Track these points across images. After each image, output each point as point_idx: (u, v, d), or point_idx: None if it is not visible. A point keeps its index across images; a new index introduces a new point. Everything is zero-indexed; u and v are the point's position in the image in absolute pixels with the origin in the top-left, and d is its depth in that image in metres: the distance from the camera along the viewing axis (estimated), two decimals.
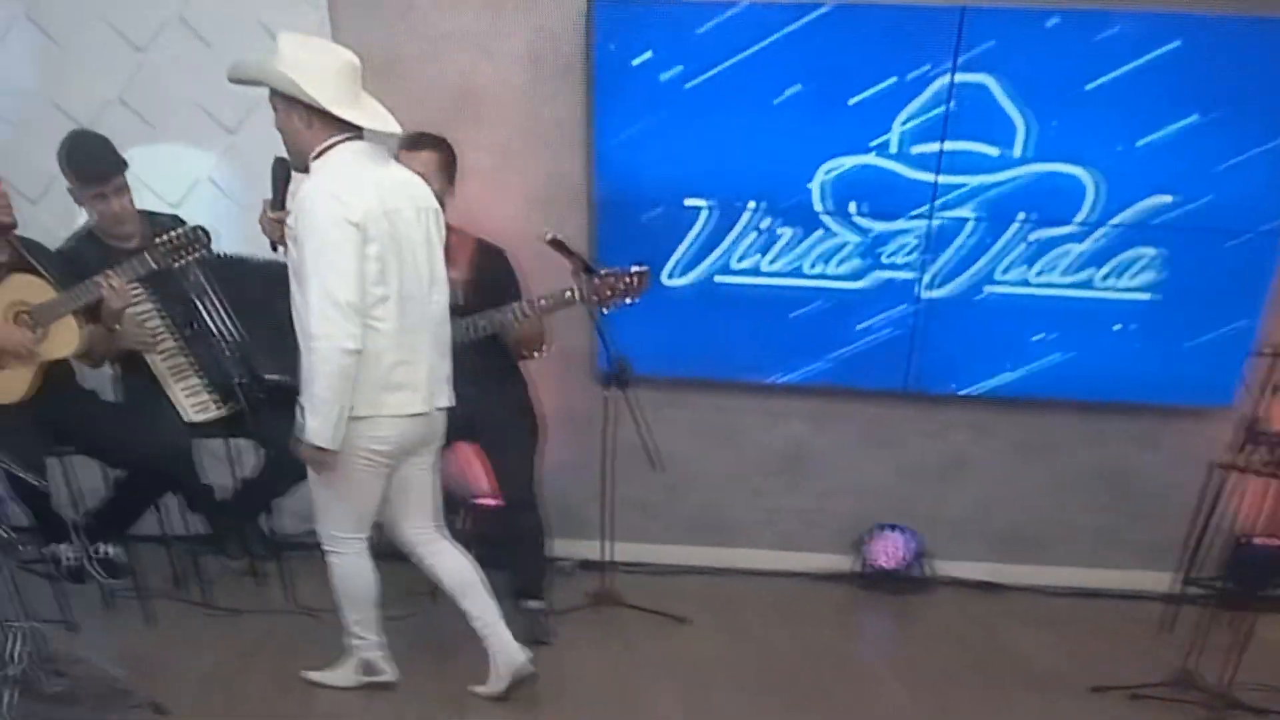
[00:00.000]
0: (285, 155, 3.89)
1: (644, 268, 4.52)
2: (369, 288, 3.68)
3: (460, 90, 5.09)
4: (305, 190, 3.67)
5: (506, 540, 4.91)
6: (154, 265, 4.38)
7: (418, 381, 3.89)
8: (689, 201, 5.20)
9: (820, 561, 5.79)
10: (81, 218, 4.86)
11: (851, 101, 5.07)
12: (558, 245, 4.52)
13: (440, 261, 4.00)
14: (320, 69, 3.63)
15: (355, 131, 3.74)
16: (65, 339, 4.48)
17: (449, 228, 4.31)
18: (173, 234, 4.36)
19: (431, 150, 4.52)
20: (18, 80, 5.25)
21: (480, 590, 4.19)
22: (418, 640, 4.64)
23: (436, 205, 3.99)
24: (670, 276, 5.31)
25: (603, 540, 5.17)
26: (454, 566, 4.19)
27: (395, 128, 3.84)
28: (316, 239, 3.61)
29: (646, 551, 5.64)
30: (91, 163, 4.61)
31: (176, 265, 4.42)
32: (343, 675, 4.31)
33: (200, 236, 4.40)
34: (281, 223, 3.83)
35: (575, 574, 5.55)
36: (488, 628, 4.19)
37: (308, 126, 3.71)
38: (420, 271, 3.88)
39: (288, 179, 4.01)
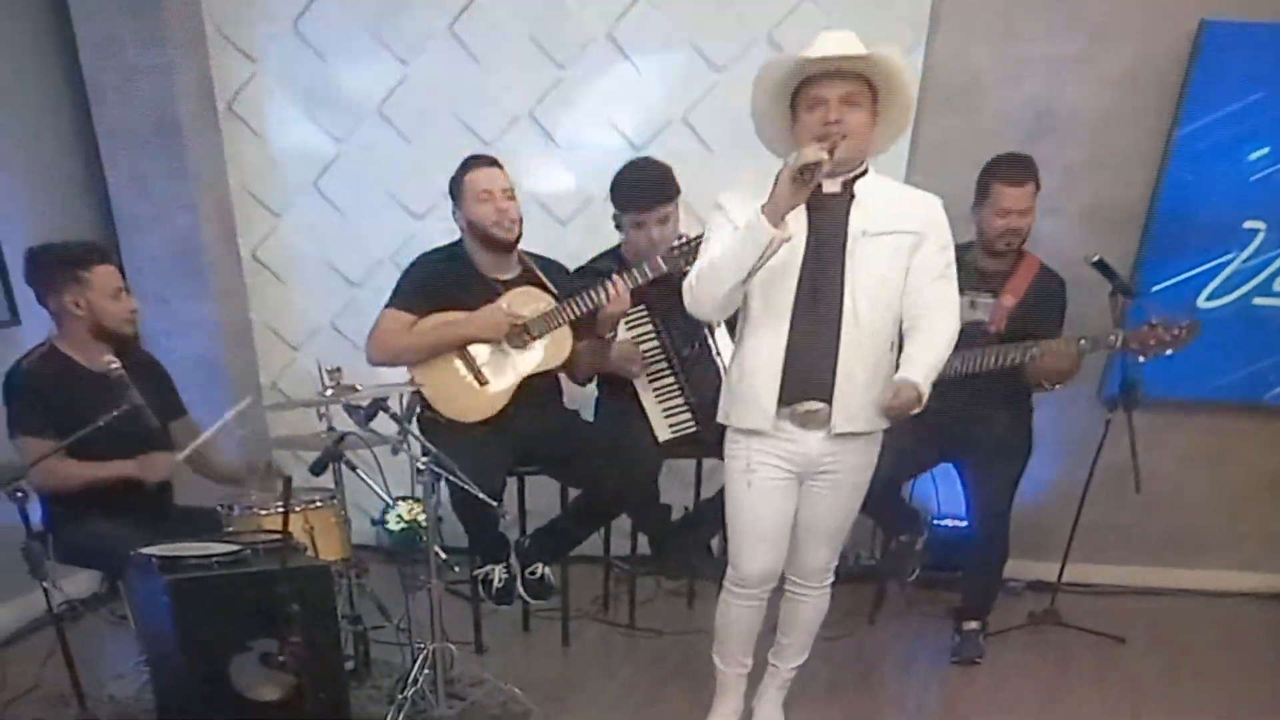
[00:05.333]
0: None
1: (1195, 320, 4.07)
2: None
3: (1037, 112, 4.68)
4: (934, 199, 3.24)
5: (965, 563, 4.55)
6: (664, 268, 3.95)
7: None
8: (1248, 224, 4.67)
9: (1278, 582, 5.23)
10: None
11: None
12: (1101, 267, 4.18)
13: None
14: None
15: None
16: (554, 351, 4.18)
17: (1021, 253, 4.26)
18: (685, 239, 3.95)
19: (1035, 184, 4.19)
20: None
21: None
22: (846, 663, 4.32)
23: None
24: (1208, 299, 4.78)
25: (1064, 562, 4.70)
26: None
27: None
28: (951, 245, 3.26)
29: (1096, 572, 5.13)
30: (636, 189, 4.24)
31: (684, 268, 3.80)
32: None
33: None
34: None
35: (1022, 595, 5.00)
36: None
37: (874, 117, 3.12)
38: None
39: None
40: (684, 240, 3.97)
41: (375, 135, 5.04)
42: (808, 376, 3.19)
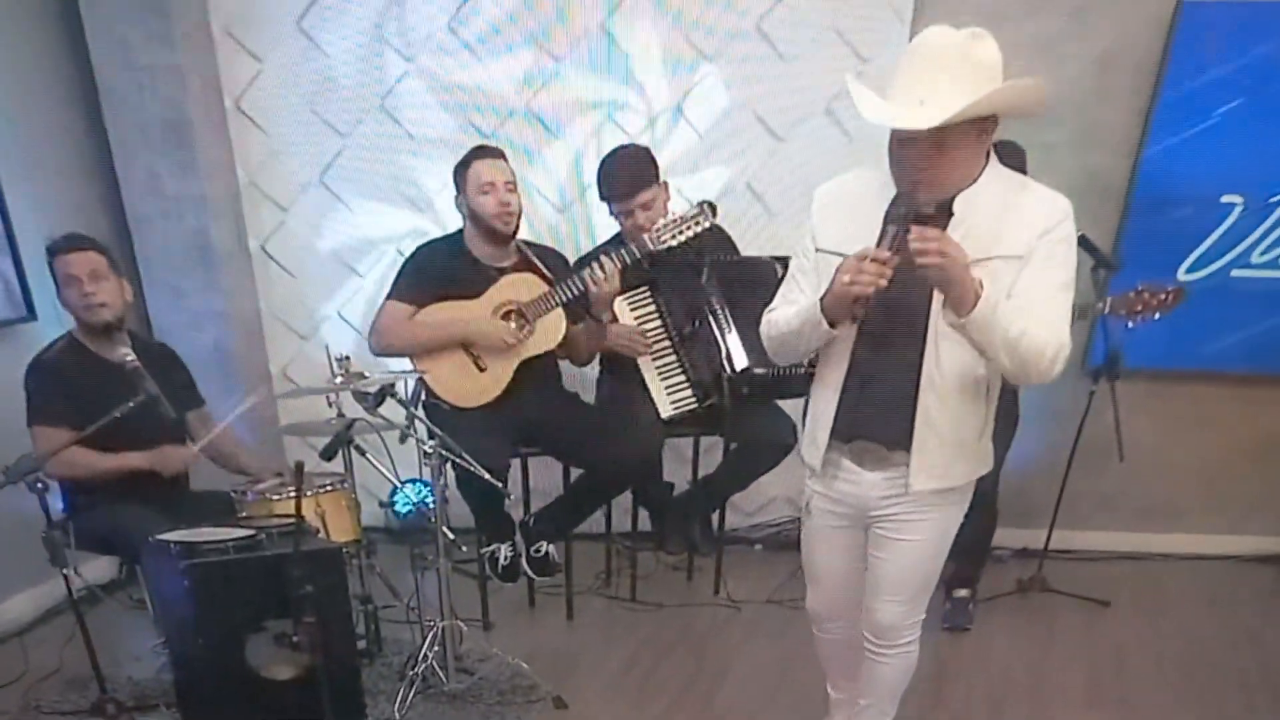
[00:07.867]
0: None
1: (1180, 286, 4.11)
2: None
3: None
4: (1058, 203, 2.59)
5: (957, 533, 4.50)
6: (650, 247, 3.95)
7: None
8: (1225, 198, 4.63)
9: (1258, 545, 5.16)
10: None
11: None
12: (1083, 243, 3.98)
13: None
14: None
15: None
16: (549, 334, 4.15)
17: None
18: (674, 216, 3.96)
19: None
20: None
21: None
22: None
23: None
24: (1187, 272, 4.74)
25: (1050, 529, 4.68)
26: None
27: None
28: (1072, 257, 2.61)
29: (1082, 539, 5.08)
30: (611, 181, 4.24)
31: (675, 243, 3.96)
32: None
33: (702, 211, 3.95)
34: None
35: (1008, 562, 4.92)
36: None
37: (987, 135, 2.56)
38: None
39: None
40: (674, 219, 3.97)
41: (378, 129, 5.00)
42: (873, 419, 2.71)
